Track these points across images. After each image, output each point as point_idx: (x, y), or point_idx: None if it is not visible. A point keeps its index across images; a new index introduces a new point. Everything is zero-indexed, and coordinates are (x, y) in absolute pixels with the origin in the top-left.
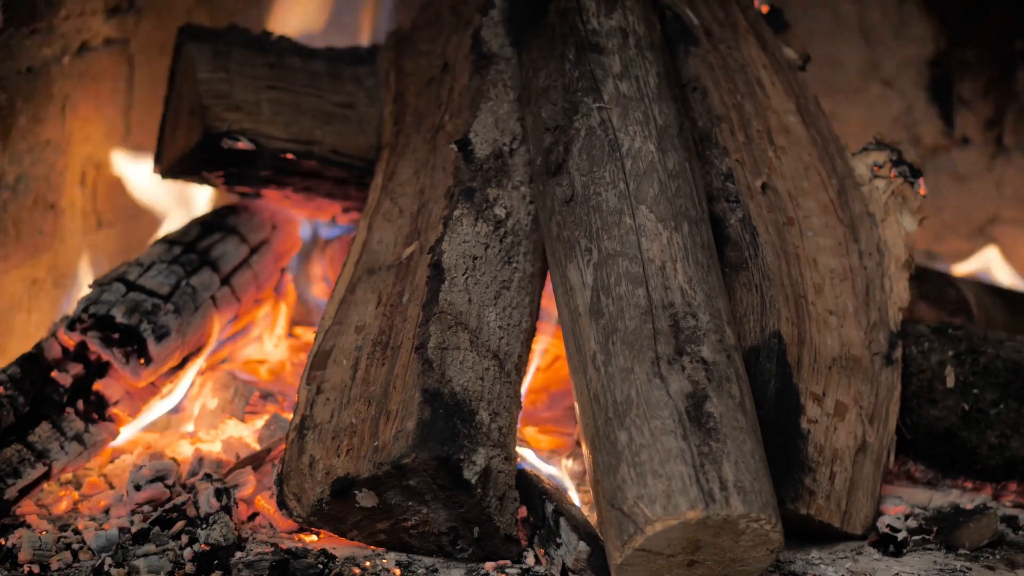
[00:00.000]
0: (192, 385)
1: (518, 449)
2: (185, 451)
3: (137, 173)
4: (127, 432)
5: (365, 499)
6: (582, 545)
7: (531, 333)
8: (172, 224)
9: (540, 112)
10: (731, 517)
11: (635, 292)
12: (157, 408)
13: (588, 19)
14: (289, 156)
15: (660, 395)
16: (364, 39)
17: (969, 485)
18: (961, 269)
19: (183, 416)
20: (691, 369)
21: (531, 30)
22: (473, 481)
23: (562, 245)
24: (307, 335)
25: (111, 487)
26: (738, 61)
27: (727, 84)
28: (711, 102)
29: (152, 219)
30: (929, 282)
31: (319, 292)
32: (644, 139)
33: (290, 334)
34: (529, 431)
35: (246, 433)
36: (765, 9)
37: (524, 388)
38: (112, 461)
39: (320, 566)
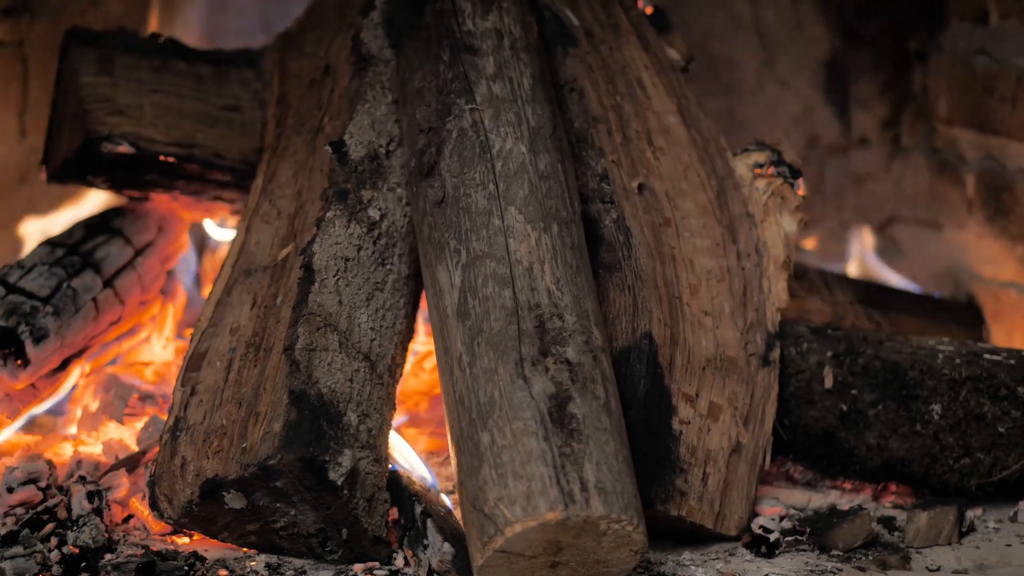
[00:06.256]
0: (76, 387)
1: (394, 451)
2: (67, 453)
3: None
4: (5, 434)
5: (234, 501)
6: (447, 546)
7: (406, 335)
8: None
9: (415, 114)
10: (591, 518)
11: (501, 293)
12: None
13: (463, 20)
14: (170, 159)
15: (523, 396)
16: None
17: (849, 486)
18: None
19: (66, 418)
20: (555, 370)
21: (408, 32)
22: (339, 482)
23: (433, 247)
24: None
25: None
26: (619, 62)
27: (606, 85)
28: (588, 103)
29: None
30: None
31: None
32: (516, 140)
33: (180, 335)
34: (410, 432)
35: (127, 435)
36: (649, 10)
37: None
38: None
39: (187, 568)
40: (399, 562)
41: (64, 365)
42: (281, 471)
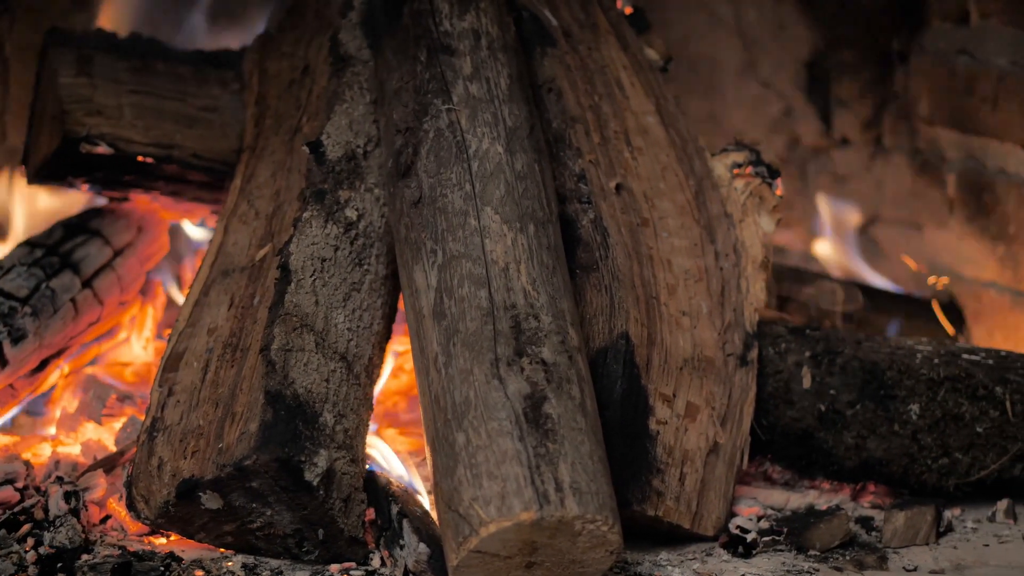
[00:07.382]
0: (54, 388)
1: (372, 451)
2: (45, 454)
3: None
4: None
5: (210, 501)
6: (422, 547)
7: (384, 335)
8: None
9: (392, 114)
10: (566, 518)
11: (477, 294)
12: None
13: (441, 21)
14: (149, 160)
15: (498, 396)
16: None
17: (828, 486)
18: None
19: (45, 419)
20: (530, 370)
21: (387, 32)
22: (315, 483)
23: (409, 247)
24: None
25: None
26: (597, 62)
27: (584, 85)
28: (566, 103)
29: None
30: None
31: None
32: (492, 140)
33: (160, 336)
34: (389, 433)
35: (105, 436)
36: (628, 10)
37: (379, 390)
38: None
39: (164, 568)
40: (375, 562)
41: (43, 366)
42: (257, 471)
